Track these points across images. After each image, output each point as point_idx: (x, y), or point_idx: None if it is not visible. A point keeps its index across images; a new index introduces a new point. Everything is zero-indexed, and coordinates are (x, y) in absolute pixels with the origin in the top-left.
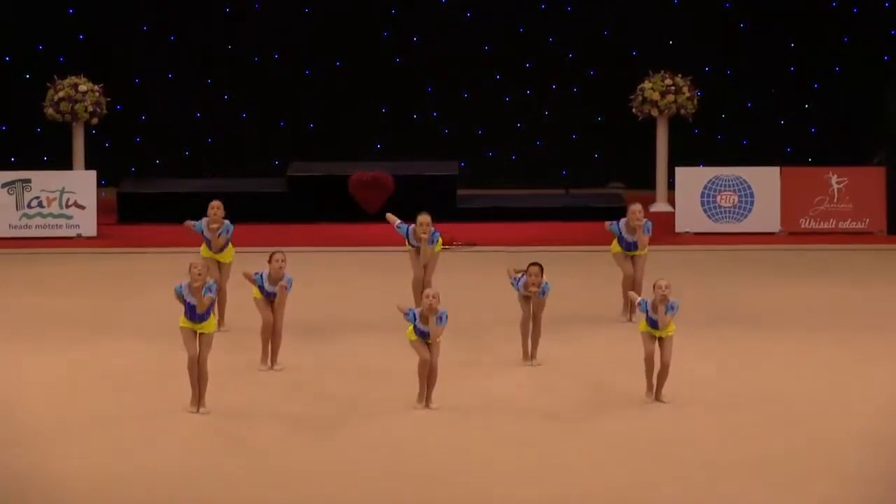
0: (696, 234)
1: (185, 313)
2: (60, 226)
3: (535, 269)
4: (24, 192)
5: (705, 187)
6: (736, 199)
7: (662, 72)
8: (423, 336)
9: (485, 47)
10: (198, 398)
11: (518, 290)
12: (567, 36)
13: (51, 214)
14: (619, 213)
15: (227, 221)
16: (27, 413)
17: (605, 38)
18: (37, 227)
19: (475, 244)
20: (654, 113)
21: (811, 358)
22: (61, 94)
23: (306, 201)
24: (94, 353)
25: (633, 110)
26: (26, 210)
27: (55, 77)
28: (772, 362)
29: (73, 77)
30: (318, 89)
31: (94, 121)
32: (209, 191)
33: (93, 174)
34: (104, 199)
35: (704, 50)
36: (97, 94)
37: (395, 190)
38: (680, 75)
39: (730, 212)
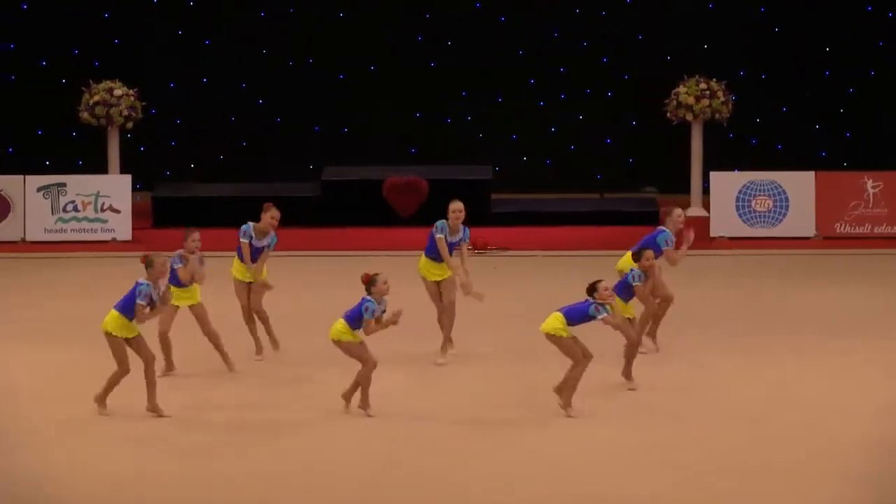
0: (730, 238)
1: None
2: (95, 230)
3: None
4: (60, 196)
5: (740, 192)
6: (771, 203)
7: (697, 76)
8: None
9: (519, 52)
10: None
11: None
12: (601, 40)
13: (86, 218)
14: (652, 217)
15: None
16: (60, 412)
17: (640, 43)
18: (72, 230)
19: (508, 248)
20: (689, 117)
21: (842, 363)
22: (96, 98)
23: (340, 205)
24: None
25: (668, 115)
26: (62, 214)
27: (90, 81)
28: (802, 367)
29: (108, 81)
30: (352, 93)
31: (129, 125)
32: (243, 195)
33: (128, 178)
34: (139, 203)
35: (739, 54)
36: (132, 98)
37: (429, 194)
38: (715, 80)
39: (765, 216)
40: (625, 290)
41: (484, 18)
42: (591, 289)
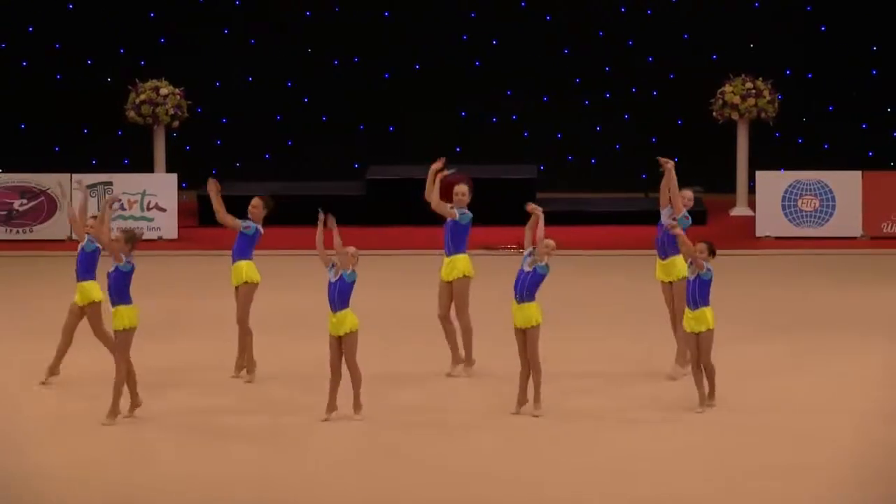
0: (776, 238)
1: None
2: (141, 228)
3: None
4: (106, 195)
5: (786, 191)
6: (817, 203)
7: (743, 75)
8: None
9: (564, 51)
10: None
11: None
12: (647, 39)
13: (132, 217)
14: (698, 216)
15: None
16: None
17: (685, 42)
18: (118, 229)
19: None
20: (735, 117)
21: (885, 365)
22: (143, 97)
23: (385, 204)
24: (169, 352)
25: (714, 114)
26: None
27: (137, 80)
28: (848, 367)
29: (154, 80)
30: (397, 92)
31: (175, 124)
32: (288, 194)
33: (174, 177)
34: (185, 201)
35: (785, 53)
36: (178, 97)
37: (474, 193)
38: (760, 79)
39: (811, 216)
40: (701, 288)
41: (530, 17)
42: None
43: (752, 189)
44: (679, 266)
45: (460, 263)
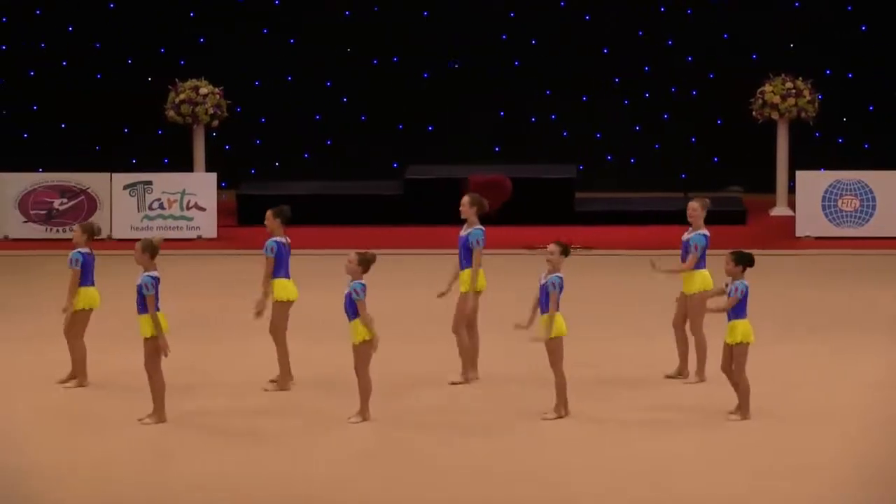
0: (816, 238)
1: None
2: (181, 227)
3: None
4: (146, 194)
5: (826, 191)
6: (857, 203)
7: (783, 75)
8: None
9: (603, 50)
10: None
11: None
12: (686, 39)
13: (171, 216)
14: (738, 217)
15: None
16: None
17: (725, 42)
18: (157, 228)
19: (592, 248)
20: (775, 116)
21: None
22: (182, 96)
23: (423, 204)
24: (209, 351)
25: (754, 114)
26: (147, 212)
27: (176, 80)
28: (890, 369)
29: (194, 80)
30: (436, 92)
31: (215, 123)
32: (327, 193)
33: (213, 176)
34: (224, 201)
35: (825, 53)
36: (217, 96)
37: (513, 193)
38: (800, 78)
39: (851, 216)
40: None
41: (569, 17)
42: None
43: (791, 189)
44: (696, 280)
45: (463, 276)
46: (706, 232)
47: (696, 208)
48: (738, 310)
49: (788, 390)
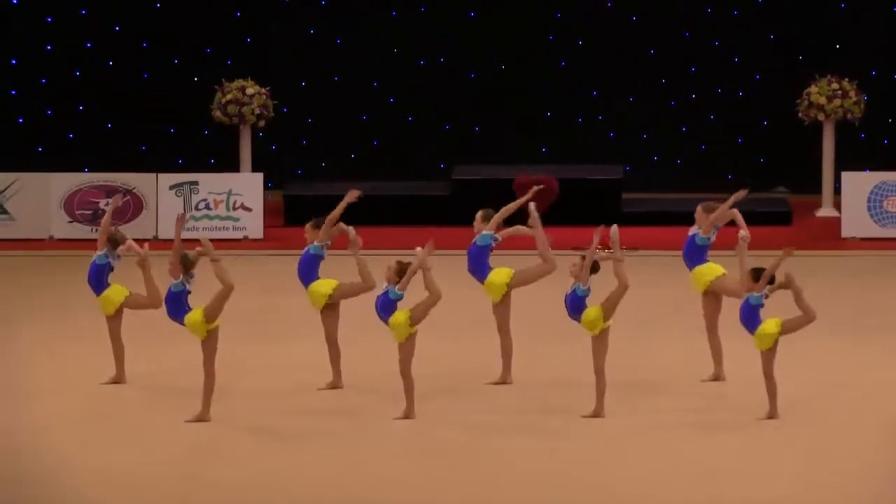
0: (862, 239)
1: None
2: (227, 228)
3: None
4: (192, 195)
5: (872, 192)
6: None
7: (829, 76)
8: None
9: (650, 51)
10: None
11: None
12: (733, 40)
13: (218, 216)
14: (784, 217)
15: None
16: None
17: (771, 43)
18: (204, 228)
19: (638, 248)
20: (821, 117)
21: None
22: (229, 97)
23: (470, 204)
24: (256, 351)
25: (800, 115)
26: (193, 212)
27: (223, 80)
28: None
29: (240, 80)
30: (482, 92)
31: (261, 123)
32: (374, 193)
33: (259, 176)
34: (271, 201)
35: (871, 53)
36: (264, 96)
37: (560, 193)
38: (846, 79)
39: None
40: (751, 313)
41: (615, 18)
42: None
43: (837, 190)
44: (701, 275)
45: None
46: (698, 231)
47: (699, 212)
48: (753, 321)
49: (834, 392)
